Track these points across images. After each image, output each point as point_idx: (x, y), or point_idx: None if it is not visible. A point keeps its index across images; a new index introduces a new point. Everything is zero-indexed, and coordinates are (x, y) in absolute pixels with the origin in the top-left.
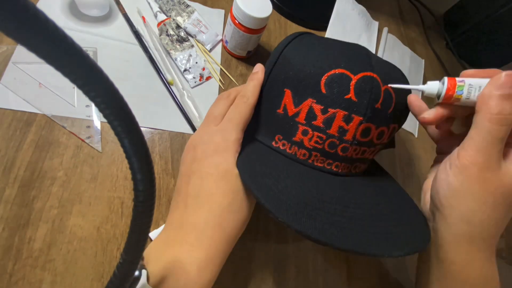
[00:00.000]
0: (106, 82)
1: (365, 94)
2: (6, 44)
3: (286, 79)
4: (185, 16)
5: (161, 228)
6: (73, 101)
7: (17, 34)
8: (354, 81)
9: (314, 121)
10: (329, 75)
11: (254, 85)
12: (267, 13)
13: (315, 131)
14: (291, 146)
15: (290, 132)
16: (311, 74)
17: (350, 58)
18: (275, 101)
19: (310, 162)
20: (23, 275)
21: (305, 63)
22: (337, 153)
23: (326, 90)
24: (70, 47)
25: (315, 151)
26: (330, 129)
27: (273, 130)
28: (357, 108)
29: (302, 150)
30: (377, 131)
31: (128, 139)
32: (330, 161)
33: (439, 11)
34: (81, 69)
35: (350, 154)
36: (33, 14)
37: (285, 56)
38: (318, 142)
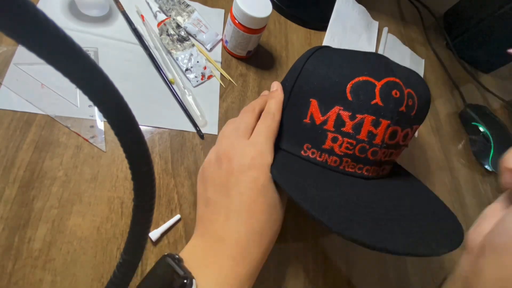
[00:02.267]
0: (106, 82)
1: (390, 98)
2: (6, 45)
3: (310, 89)
4: (185, 15)
5: (162, 228)
6: (76, 101)
7: (17, 35)
8: (379, 87)
9: (343, 127)
10: (353, 82)
11: (277, 102)
12: (267, 13)
13: (345, 137)
14: (321, 153)
15: (319, 140)
16: (336, 82)
17: (372, 65)
18: (300, 111)
19: (342, 168)
20: (23, 275)
21: (328, 73)
22: (367, 157)
23: (352, 97)
24: (70, 47)
25: (346, 157)
26: (360, 134)
27: (300, 140)
28: (384, 112)
29: (333, 157)
30: (403, 133)
31: (128, 139)
32: (361, 166)
33: (439, 11)
34: (81, 69)
35: (379, 157)
36: (33, 14)
37: (307, 69)
38: (349, 148)
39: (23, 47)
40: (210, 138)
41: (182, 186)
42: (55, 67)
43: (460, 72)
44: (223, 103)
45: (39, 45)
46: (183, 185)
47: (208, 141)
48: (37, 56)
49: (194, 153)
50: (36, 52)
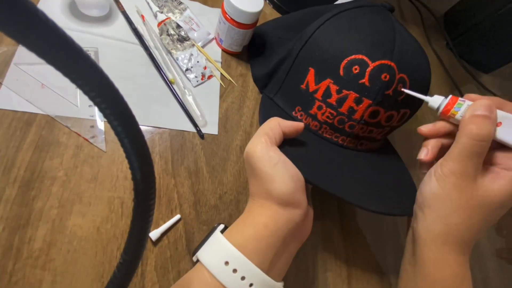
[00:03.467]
0: (106, 82)
1: (378, 80)
2: (7, 45)
3: (312, 58)
4: (177, 13)
5: (162, 228)
6: (76, 101)
7: (17, 35)
8: (371, 68)
9: (329, 99)
10: (349, 59)
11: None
12: (259, 7)
13: (328, 107)
14: (307, 117)
15: (308, 106)
16: (334, 57)
17: (373, 44)
18: (300, 77)
19: (320, 133)
20: (23, 275)
21: (330, 46)
22: (344, 129)
23: (344, 73)
24: (70, 47)
25: (325, 125)
26: (341, 107)
27: (294, 102)
28: (368, 92)
29: (314, 122)
30: (386, 114)
31: (128, 139)
32: (338, 135)
33: (439, 11)
34: (81, 69)
35: (356, 131)
36: (33, 14)
37: (315, 38)
38: (329, 117)
39: (23, 47)
40: (210, 138)
41: (182, 186)
42: (55, 67)
43: (460, 72)
44: (223, 103)
45: (39, 45)
46: (183, 185)
47: (208, 141)
48: (37, 56)
49: (194, 153)
50: (36, 52)
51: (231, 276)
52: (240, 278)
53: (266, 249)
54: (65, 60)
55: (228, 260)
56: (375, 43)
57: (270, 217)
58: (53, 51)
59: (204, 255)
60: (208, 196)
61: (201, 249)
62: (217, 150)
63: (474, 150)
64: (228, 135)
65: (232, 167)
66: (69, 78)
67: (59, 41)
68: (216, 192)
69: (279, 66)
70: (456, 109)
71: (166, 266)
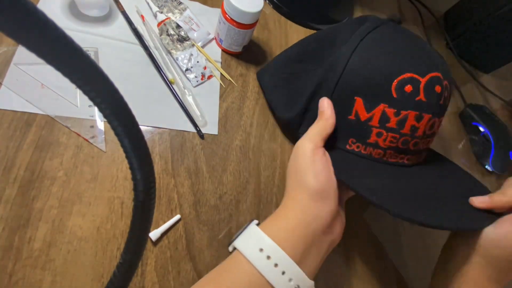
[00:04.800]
0: (106, 82)
1: (433, 94)
2: (7, 45)
3: (355, 87)
4: (177, 13)
5: (162, 228)
6: (76, 102)
7: (17, 35)
8: (423, 83)
9: (388, 123)
10: (399, 80)
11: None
12: (259, 7)
13: (390, 132)
14: (366, 147)
15: (364, 135)
16: (381, 81)
17: (416, 60)
18: (345, 108)
19: (385, 159)
20: (23, 275)
21: (373, 71)
22: (409, 148)
23: (398, 94)
24: (70, 47)
25: (390, 150)
26: (403, 129)
27: (345, 135)
28: (426, 107)
29: (377, 150)
30: (439, 121)
31: (128, 139)
32: (403, 156)
33: (439, 11)
34: (80, 70)
35: (420, 147)
36: (33, 14)
37: (351, 67)
38: (392, 142)
39: (23, 47)
40: (210, 138)
41: (182, 186)
42: (55, 67)
43: (460, 72)
44: (223, 103)
45: (39, 45)
46: (183, 185)
47: (208, 141)
48: (37, 56)
49: (194, 153)
50: (36, 52)
51: (266, 262)
52: (274, 265)
53: (297, 240)
54: (65, 61)
55: (263, 248)
56: (416, 58)
57: (300, 210)
58: (53, 51)
59: (240, 243)
60: (208, 196)
61: (237, 239)
62: (217, 150)
63: None
64: (228, 135)
65: (232, 167)
66: (69, 78)
67: (59, 41)
68: (216, 192)
69: (311, 101)
70: None
71: (166, 266)
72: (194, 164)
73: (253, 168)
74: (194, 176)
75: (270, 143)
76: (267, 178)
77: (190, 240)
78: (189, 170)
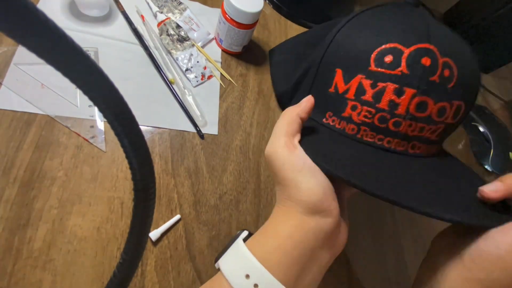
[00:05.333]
0: (105, 82)
1: (419, 66)
2: (7, 45)
3: (337, 59)
4: (177, 13)
5: (162, 228)
6: (76, 102)
7: (17, 35)
8: (407, 54)
9: (363, 96)
10: (379, 50)
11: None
12: (259, 7)
13: (364, 105)
14: (340, 121)
15: (340, 108)
16: (361, 51)
17: (404, 30)
18: (327, 82)
19: (359, 137)
20: (23, 275)
21: (356, 42)
22: (388, 128)
23: (376, 65)
24: (70, 47)
25: (364, 126)
26: (380, 103)
27: (324, 108)
28: (409, 80)
29: (350, 124)
30: (436, 106)
31: (128, 139)
32: (381, 136)
33: (439, 11)
34: (80, 69)
35: (403, 129)
36: (33, 14)
37: (337, 40)
38: (367, 117)
39: (23, 47)
40: (210, 138)
41: (182, 186)
42: (55, 67)
43: None
44: (223, 103)
45: (39, 45)
46: (183, 185)
47: (208, 141)
48: (37, 56)
49: (194, 153)
50: (36, 52)
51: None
52: None
53: (291, 263)
54: (65, 60)
55: (249, 273)
56: (406, 29)
57: (295, 227)
58: (53, 51)
59: (224, 264)
60: (208, 196)
61: (222, 258)
62: (217, 150)
63: None
64: (228, 135)
65: (232, 167)
66: (69, 78)
67: (59, 41)
68: (216, 192)
69: (303, 77)
70: None
71: (166, 266)
72: (194, 164)
73: (253, 168)
74: (194, 176)
75: None
76: (267, 178)
77: (190, 240)
78: (189, 170)
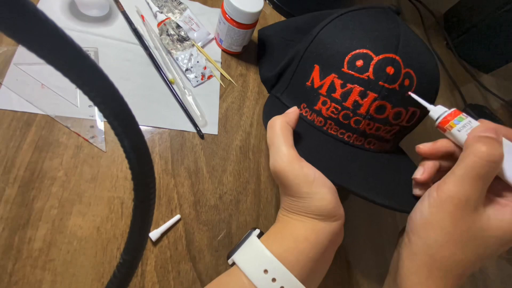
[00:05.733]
0: (105, 82)
1: (383, 74)
2: (6, 45)
3: (317, 55)
4: (177, 13)
5: (162, 228)
6: (76, 102)
7: (17, 35)
8: (375, 61)
9: (333, 93)
10: (353, 54)
11: None
12: (259, 7)
13: (333, 102)
14: (311, 113)
15: (313, 101)
16: (338, 52)
17: (377, 38)
18: (306, 75)
19: (325, 129)
20: (23, 275)
21: (334, 43)
22: (350, 124)
23: (348, 67)
24: (69, 47)
25: (330, 120)
26: (346, 101)
27: (300, 99)
28: (373, 86)
29: (319, 117)
30: (393, 110)
31: (128, 139)
32: (343, 131)
33: (439, 11)
34: (80, 69)
35: (362, 127)
36: (33, 14)
37: (320, 37)
38: (334, 112)
39: (23, 47)
40: (210, 138)
41: (182, 186)
42: (55, 68)
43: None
44: (223, 103)
45: (39, 45)
46: (183, 185)
47: (208, 141)
48: (37, 56)
49: (194, 153)
50: (35, 52)
51: (270, 285)
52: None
53: (307, 262)
54: (65, 60)
55: (267, 269)
56: (379, 37)
57: (311, 230)
58: (53, 51)
59: (242, 260)
60: (208, 196)
61: (238, 254)
62: (217, 150)
63: (482, 172)
64: (228, 135)
65: (232, 167)
66: (69, 78)
67: (59, 41)
68: (216, 192)
69: (287, 66)
70: (455, 122)
71: (166, 266)
72: (194, 164)
73: (253, 168)
74: (194, 176)
75: None
76: (267, 178)
77: (190, 240)
78: (189, 170)
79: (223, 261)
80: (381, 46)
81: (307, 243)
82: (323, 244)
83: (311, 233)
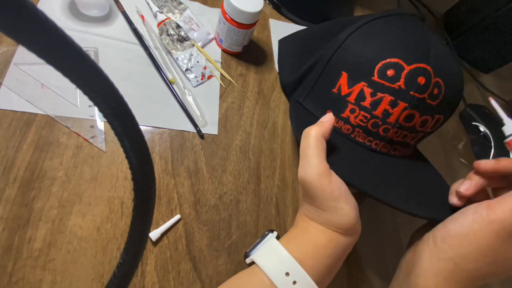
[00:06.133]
0: (106, 82)
1: (414, 84)
2: (6, 45)
3: (344, 63)
4: (177, 13)
5: (162, 228)
6: (76, 102)
7: (17, 35)
8: (407, 71)
9: (363, 102)
10: (384, 63)
11: None
12: (259, 7)
13: (362, 110)
14: (338, 120)
15: (340, 109)
16: (368, 60)
17: (408, 48)
18: (332, 81)
19: (353, 137)
20: (23, 275)
21: (364, 50)
22: (378, 133)
23: (379, 76)
24: (70, 47)
25: (358, 128)
26: (376, 110)
27: (325, 106)
28: (404, 95)
29: (347, 125)
30: (421, 119)
31: (128, 139)
32: (371, 139)
33: (439, 11)
34: (80, 69)
35: (390, 135)
36: (33, 14)
37: (347, 44)
38: (363, 121)
39: (23, 47)
40: (210, 138)
41: (182, 186)
42: (55, 68)
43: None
44: (223, 103)
45: (39, 45)
46: (183, 185)
47: (208, 141)
48: (37, 56)
49: (194, 153)
50: (36, 52)
51: (291, 287)
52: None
53: (322, 269)
54: (65, 61)
55: (289, 272)
56: (410, 47)
57: (330, 241)
58: (53, 51)
59: (264, 261)
60: (208, 196)
61: (259, 255)
62: (217, 150)
63: None
64: (228, 135)
65: (232, 167)
66: (69, 78)
67: (59, 41)
68: (216, 192)
69: (309, 72)
70: None
71: (166, 266)
72: (194, 164)
73: (253, 168)
74: (194, 176)
75: (270, 143)
76: (267, 178)
77: (190, 240)
78: (189, 170)
79: (223, 261)
80: (412, 55)
81: (324, 252)
82: (339, 254)
83: (330, 243)
